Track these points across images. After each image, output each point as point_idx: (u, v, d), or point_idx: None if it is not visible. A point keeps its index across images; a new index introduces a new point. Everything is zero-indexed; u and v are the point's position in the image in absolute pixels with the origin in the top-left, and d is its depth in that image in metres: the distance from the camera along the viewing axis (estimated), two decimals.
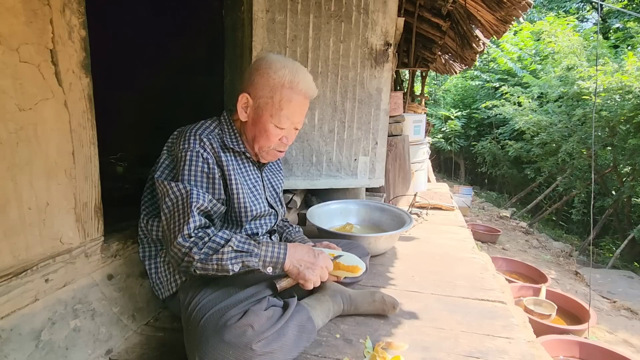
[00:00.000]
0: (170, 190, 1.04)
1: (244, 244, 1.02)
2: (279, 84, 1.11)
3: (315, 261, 1.09)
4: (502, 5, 2.79)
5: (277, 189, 1.39)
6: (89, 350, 1.05)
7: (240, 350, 0.86)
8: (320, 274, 1.08)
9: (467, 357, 1.10)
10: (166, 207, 1.03)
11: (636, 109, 5.52)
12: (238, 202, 1.15)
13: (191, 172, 1.05)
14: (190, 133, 1.09)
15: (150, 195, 1.22)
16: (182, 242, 0.97)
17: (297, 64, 1.15)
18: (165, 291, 1.17)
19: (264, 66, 1.12)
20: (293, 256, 1.06)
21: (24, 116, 0.85)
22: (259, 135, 1.15)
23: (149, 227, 1.19)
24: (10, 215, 0.84)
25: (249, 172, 1.23)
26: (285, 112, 1.12)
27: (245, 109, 1.15)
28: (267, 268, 1.02)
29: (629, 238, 5.57)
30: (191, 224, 0.99)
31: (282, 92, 1.11)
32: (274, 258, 1.03)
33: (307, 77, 1.15)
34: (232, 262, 0.98)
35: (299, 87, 1.12)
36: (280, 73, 1.10)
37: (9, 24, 0.81)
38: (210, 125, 1.16)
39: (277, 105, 1.11)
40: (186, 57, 3.03)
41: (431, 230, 2.43)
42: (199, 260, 0.96)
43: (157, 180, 1.09)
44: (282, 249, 1.05)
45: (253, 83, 1.13)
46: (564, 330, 2.70)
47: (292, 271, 1.06)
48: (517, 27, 9.38)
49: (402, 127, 2.96)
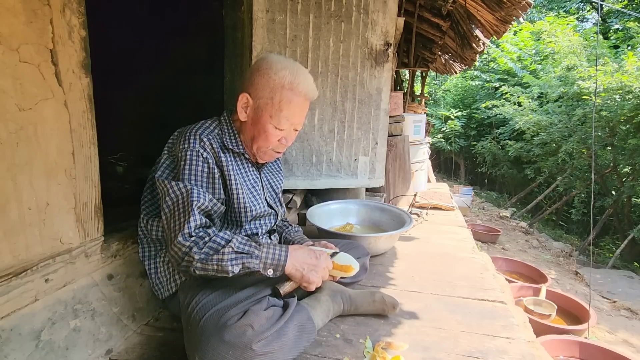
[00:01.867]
0: (170, 189, 1.04)
1: (244, 245, 1.01)
2: (279, 85, 1.10)
3: (318, 263, 1.08)
4: (502, 5, 2.79)
5: (277, 190, 1.38)
6: (89, 350, 1.05)
7: (240, 350, 0.86)
8: (322, 275, 1.09)
9: (467, 357, 1.10)
10: (166, 207, 1.03)
11: (636, 109, 5.52)
12: (238, 202, 1.15)
13: (191, 172, 1.05)
14: (190, 133, 1.09)
15: (150, 195, 1.22)
16: (182, 241, 0.97)
17: (298, 65, 1.15)
18: (165, 291, 1.17)
19: (264, 67, 1.12)
20: (295, 259, 1.05)
21: (24, 116, 0.85)
22: (257, 135, 1.15)
23: (149, 227, 1.19)
24: (10, 215, 0.84)
25: (248, 172, 1.23)
26: (285, 114, 1.12)
27: (245, 109, 1.15)
28: (268, 270, 1.01)
29: (629, 238, 5.57)
30: (192, 222, 0.98)
31: (282, 93, 1.10)
32: (274, 260, 1.02)
33: (307, 78, 1.14)
34: (232, 263, 0.97)
35: (299, 88, 1.12)
36: (280, 74, 1.10)
37: (9, 23, 0.81)
38: (210, 126, 1.16)
39: (277, 106, 1.11)
40: (186, 57, 3.04)
41: (431, 230, 2.43)
42: (199, 260, 0.96)
43: (158, 180, 1.08)
44: (284, 251, 1.04)
45: (253, 83, 1.13)
46: (564, 330, 2.70)
47: (295, 275, 1.05)
48: (517, 27, 9.39)
49: (402, 127, 2.96)
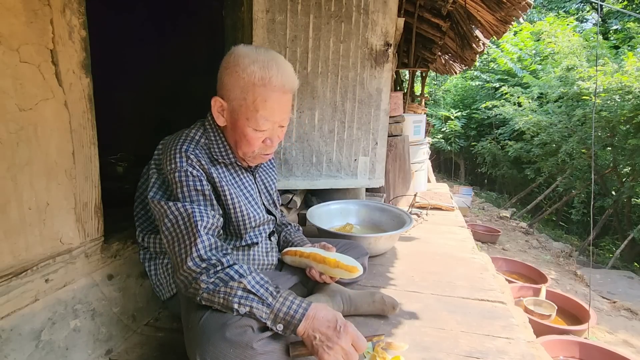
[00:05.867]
0: (168, 210, 0.96)
1: (260, 286, 0.88)
2: (250, 83, 0.97)
3: (336, 339, 0.84)
4: (502, 6, 2.79)
5: (271, 191, 1.30)
6: (89, 351, 1.05)
7: (241, 348, 0.85)
8: (341, 356, 0.84)
9: (467, 357, 1.10)
10: (166, 229, 0.95)
11: (636, 109, 5.52)
12: (236, 215, 1.09)
13: (185, 193, 0.97)
14: (175, 150, 1.00)
15: (143, 211, 1.17)
16: (192, 267, 0.89)
17: (271, 55, 1.00)
18: (165, 292, 1.16)
19: (232, 64, 0.99)
20: (312, 321, 0.86)
21: (24, 116, 0.85)
22: (239, 140, 1.05)
23: (145, 243, 1.16)
24: (11, 215, 0.84)
25: (243, 181, 1.16)
26: (262, 113, 1.00)
27: (221, 113, 1.04)
28: (278, 325, 0.86)
29: (629, 238, 5.57)
30: (199, 244, 0.91)
31: (255, 92, 0.98)
32: (288, 315, 0.86)
33: (282, 69, 1.00)
34: (240, 302, 0.86)
35: (272, 83, 0.98)
36: (249, 70, 0.97)
37: (9, 24, 0.81)
38: (195, 136, 1.05)
39: (251, 106, 0.99)
40: (186, 57, 3.04)
41: (431, 231, 2.43)
42: (206, 289, 0.88)
43: (152, 201, 1.00)
44: (303, 308, 0.87)
45: (223, 84, 1.01)
46: (564, 331, 2.70)
47: (306, 341, 0.87)
48: (517, 27, 9.38)
49: (402, 128, 2.96)
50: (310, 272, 1.22)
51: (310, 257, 1.20)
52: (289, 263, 1.28)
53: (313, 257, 1.20)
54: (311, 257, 1.20)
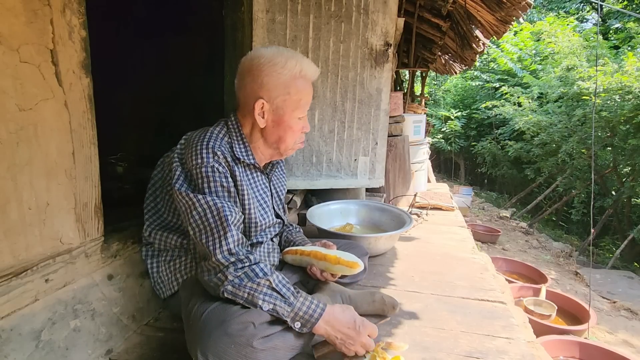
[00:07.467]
0: (197, 203, 0.98)
1: (283, 286, 0.96)
2: (291, 77, 1.08)
3: (357, 338, 0.97)
4: (502, 6, 2.79)
5: (282, 196, 1.36)
6: (89, 351, 1.05)
7: (241, 345, 0.86)
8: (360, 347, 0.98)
9: (467, 357, 1.10)
10: (194, 222, 0.98)
11: (636, 109, 5.52)
12: (249, 215, 1.12)
13: (212, 188, 1.01)
14: (201, 145, 1.03)
15: (152, 203, 1.19)
16: (220, 260, 0.94)
17: (292, 51, 1.13)
18: (166, 290, 1.16)
19: (266, 64, 1.07)
20: (330, 321, 0.96)
21: (24, 116, 0.85)
22: (284, 134, 1.12)
23: (151, 239, 1.17)
24: (10, 215, 0.84)
25: (259, 184, 1.20)
26: (303, 101, 1.12)
27: (261, 115, 1.09)
28: (296, 323, 0.94)
29: (629, 238, 5.57)
30: (229, 238, 0.96)
31: (297, 84, 1.09)
32: (306, 315, 0.94)
33: (306, 61, 1.12)
34: (265, 298, 0.92)
35: (308, 74, 1.11)
36: (289, 66, 1.07)
37: (9, 24, 0.81)
38: (219, 133, 1.09)
39: (295, 97, 1.09)
40: (186, 57, 3.04)
41: (431, 231, 2.43)
42: (231, 282, 0.92)
43: (179, 192, 1.01)
44: (320, 308, 0.96)
45: (263, 85, 1.07)
46: (564, 331, 2.70)
47: (329, 339, 0.98)
48: (517, 27, 9.39)
49: (402, 128, 2.96)
50: (311, 270, 1.23)
51: (311, 254, 1.21)
52: (290, 262, 1.28)
53: (314, 255, 1.21)
54: (312, 255, 1.21)
